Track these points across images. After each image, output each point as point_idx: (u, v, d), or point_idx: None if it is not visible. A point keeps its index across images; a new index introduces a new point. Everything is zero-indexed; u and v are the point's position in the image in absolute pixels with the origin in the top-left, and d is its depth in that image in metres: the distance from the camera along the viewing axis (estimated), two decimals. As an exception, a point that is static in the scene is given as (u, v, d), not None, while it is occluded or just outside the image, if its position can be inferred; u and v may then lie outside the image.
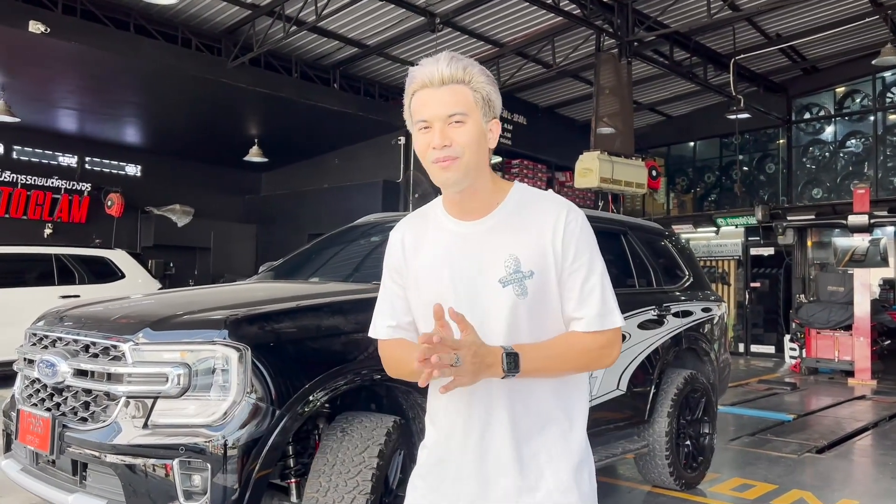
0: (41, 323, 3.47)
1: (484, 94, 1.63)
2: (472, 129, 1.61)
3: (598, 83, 10.65)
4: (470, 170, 1.63)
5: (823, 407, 9.03)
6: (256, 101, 12.14)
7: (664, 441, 4.82)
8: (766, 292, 15.16)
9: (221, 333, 2.85)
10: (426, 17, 10.65)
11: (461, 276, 1.66)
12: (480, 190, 1.67)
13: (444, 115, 1.60)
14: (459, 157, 1.60)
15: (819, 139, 15.57)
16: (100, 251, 10.70)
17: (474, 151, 1.62)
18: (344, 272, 4.47)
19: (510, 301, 1.62)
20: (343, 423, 3.08)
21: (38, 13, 9.03)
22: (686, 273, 5.71)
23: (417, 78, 1.63)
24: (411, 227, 1.81)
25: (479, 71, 1.64)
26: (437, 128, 1.60)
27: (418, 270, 1.74)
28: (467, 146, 1.60)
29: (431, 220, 1.76)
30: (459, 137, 1.60)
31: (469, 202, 1.68)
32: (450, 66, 1.60)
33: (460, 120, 1.60)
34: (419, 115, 1.62)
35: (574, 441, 1.72)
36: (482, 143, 1.64)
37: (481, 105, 1.63)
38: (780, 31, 12.41)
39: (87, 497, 2.92)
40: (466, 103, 1.61)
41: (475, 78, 1.62)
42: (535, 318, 1.64)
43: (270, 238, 15.75)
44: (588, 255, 1.65)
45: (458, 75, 1.61)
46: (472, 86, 1.62)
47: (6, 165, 13.40)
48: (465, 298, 1.64)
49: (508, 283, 1.63)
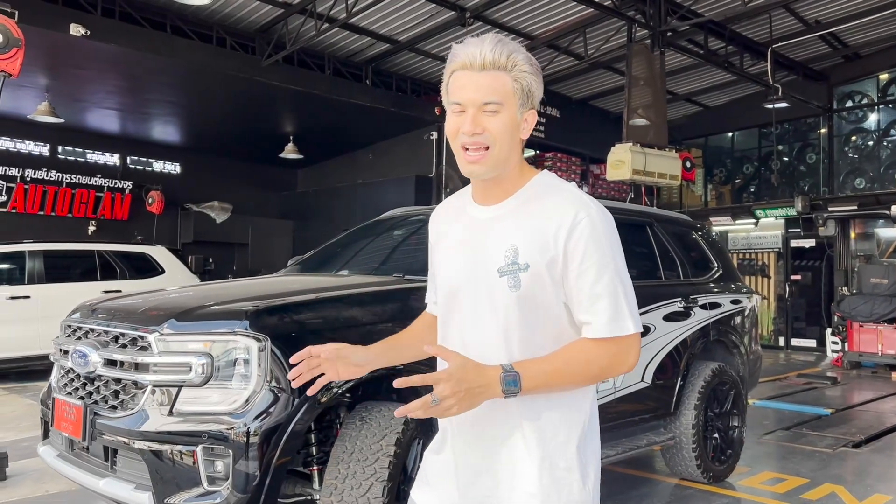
0: (75, 315, 3.61)
1: (525, 84, 1.57)
2: (505, 118, 1.57)
3: (631, 74, 10.53)
4: (499, 161, 1.59)
5: (864, 401, 8.84)
6: (290, 98, 12.31)
7: (691, 433, 4.79)
8: (808, 285, 14.84)
9: (243, 324, 2.93)
10: (456, 11, 10.66)
11: (471, 260, 1.66)
12: (506, 179, 1.65)
13: (480, 101, 1.55)
14: (490, 146, 1.57)
15: (862, 128, 15.16)
16: (141, 247, 10.99)
17: (505, 142, 1.58)
18: (368, 265, 4.53)
19: (503, 292, 1.58)
20: (362, 412, 3.14)
21: (78, 16, 9.29)
22: (715, 265, 5.65)
23: (459, 57, 1.57)
24: (445, 212, 1.84)
25: (523, 59, 1.57)
26: (470, 113, 1.56)
27: (441, 253, 1.77)
28: (498, 136, 1.57)
29: (461, 204, 1.77)
30: (492, 126, 1.56)
31: (493, 189, 1.66)
32: (493, 51, 1.54)
33: (495, 109, 1.56)
34: (455, 97, 1.58)
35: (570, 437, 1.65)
36: (514, 134, 1.60)
37: (519, 95, 1.57)
38: (820, 17, 12.12)
39: (117, 481, 3.03)
40: (504, 92, 1.55)
41: (518, 66, 1.56)
42: (525, 314, 1.59)
43: (306, 233, 15.96)
44: (598, 257, 1.55)
45: (500, 61, 1.54)
46: (512, 74, 1.56)
47: (52, 165, 13.84)
48: (469, 284, 1.65)
49: (504, 274, 1.58)
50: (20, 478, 4.94)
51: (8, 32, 5.17)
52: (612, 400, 4.31)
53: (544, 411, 1.62)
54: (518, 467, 1.62)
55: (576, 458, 1.63)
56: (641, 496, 4.82)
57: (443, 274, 1.75)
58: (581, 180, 15.54)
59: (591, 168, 15.82)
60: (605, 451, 4.27)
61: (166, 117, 13.88)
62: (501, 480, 1.64)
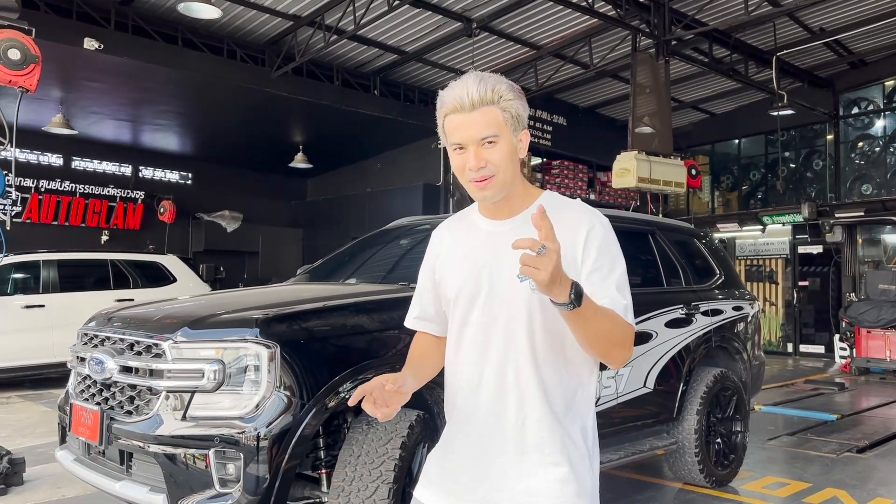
0: (92, 323, 3.73)
1: (513, 111, 1.69)
2: (504, 147, 1.68)
3: (636, 83, 10.63)
4: (505, 184, 1.72)
5: (871, 407, 8.85)
6: (300, 109, 12.49)
7: (693, 438, 4.85)
8: (816, 291, 14.83)
9: (253, 332, 3.04)
10: (463, 22, 10.81)
11: (487, 270, 1.76)
12: (513, 197, 1.78)
13: (477, 138, 1.66)
14: (495, 175, 1.69)
15: (868, 134, 15.18)
16: (153, 256, 11.14)
17: (508, 168, 1.70)
18: (376, 274, 4.64)
19: (526, 294, 1.68)
20: (368, 416, 3.23)
21: (92, 31, 9.50)
22: (717, 272, 5.72)
23: (448, 102, 1.69)
24: (451, 228, 1.95)
25: (506, 88, 1.69)
26: (471, 150, 1.67)
27: (450, 266, 1.87)
28: (501, 164, 1.69)
29: (469, 221, 1.89)
30: (493, 157, 1.67)
31: (502, 207, 1.79)
32: (479, 90, 1.65)
33: (493, 141, 1.67)
34: (453, 138, 1.70)
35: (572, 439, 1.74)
36: (514, 158, 1.73)
37: (511, 122, 1.69)
38: (824, 25, 12.18)
39: (132, 484, 3.14)
40: (497, 124, 1.67)
41: (503, 97, 1.67)
42: (547, 311, 1.68)
43: (316, 242, 16.11)
44: (609, 258, 1.70)
45: (487, 97, 1.66)
46: (501, 105, 1.67)
47: (66, 176, 14.05)
48: (487, 291, 1.75)
49: (526, 278, 1.62)
50: (37, 482, 5.06)
51: (25, 49, 5.33)
52: (614, 405, 4.39)
53: (547, 415, 1.71)
54: (521, 468, 1.71)
55: (577, 461, 1.72)
56: (645, 500, 4.89)
57: (455, 284, 1.83)
58: (588, 188, 15.61)
59: (597, 176, 15.89)
60: (609, 456, 4.35)
61: (178, 128, 14.09)
62: (504, 483, 1.72)
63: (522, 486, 1.71)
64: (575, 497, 1.69)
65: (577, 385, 1.77)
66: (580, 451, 1.74)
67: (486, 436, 1.75)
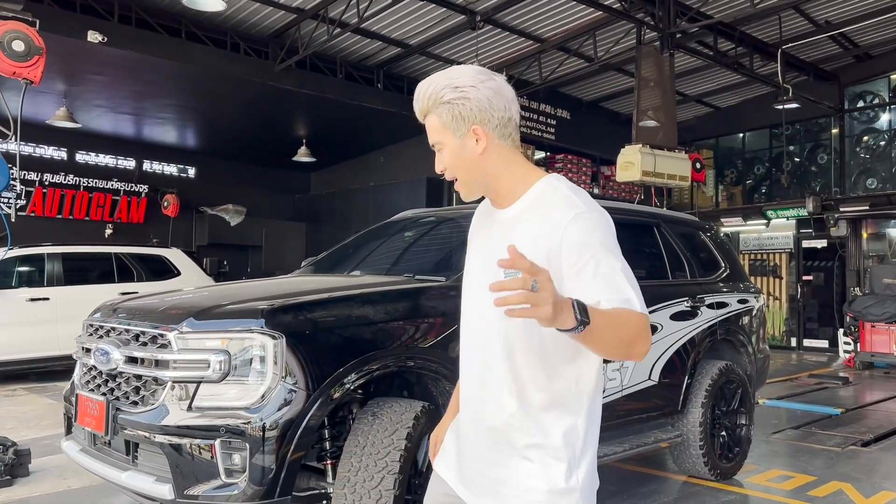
0: (97, 315, 3.73)
1: (446, 116, 1.67)
2: (448, 151, 1.72)
3: (640, 76, 10.59)
4: (471, 182, 1.75)
5: (875, 401, 8.85)
6: (303, 102, 12.46)
7: (698, 431, 4.85)
8: (820, 285, 14.81)
9: (258, 322, 3.04)
10: (467, 14, 10.76)
11: (487, 262, 1.75)
12: (501, 187, 1.75)
13: (432, 144, 1.74)
14: (455, 177, 1.75)
15: (873, 128, 15.12)
16: (157, 250, 11.18)
17: (462, 168, 1.73)
18: (380, 266, 4.64)
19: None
20: (374, 407, 3.24)
21: (95, 23, 9.48)
22: (723, 265, 5.71)
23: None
24: (479, 214, 1.94)
25: (446, 89, 1.66)
26: (436, 157, 1.76)
27: (470, 254, 1.91)
28: (453, 167, 1.73)
29: (490, 206, 1.88)
30: (445, 161, 1.74)
31: (495, 198, 1.79)
32: (419, 102, 1.71)
33: (440, 147, 1.73)
34: None
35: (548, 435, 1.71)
36: (465, 157, 1.70)
37: (450, 125, 1.68)
38: (830, 17, 12.12)
39: (138, 474, 3.15)
40: (437, 130, 1.71)
41: (435, 101, 1.68)
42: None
43: (319, 235, 16.11)
44: (592, 253, 1.59)
45: (425, 107, 1.71)
46: (437, 112, 1.69)
47: (70, 169, 14.05)
48: (482, 288, 1.71)
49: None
50: (43, 474, 5.08)
51: (29, 41, 5.32)
52: (619, 398, 4.39)
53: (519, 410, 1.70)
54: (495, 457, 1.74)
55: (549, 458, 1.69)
56: (649, 493, 4.89)
57: (466, 274, 1.88)
58: (591, 182, 15.59)
59: (601, 169, 15.86)
60: (613, 448, 4.36)
61: (181, 121, 14.08)
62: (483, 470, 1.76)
63: (493, 475, 1.74)
64: (545, 494, 1.67)
65: (565, 383, 1.71)
66: (557, 450, 1.69)
67: (474, 422, 1.80)
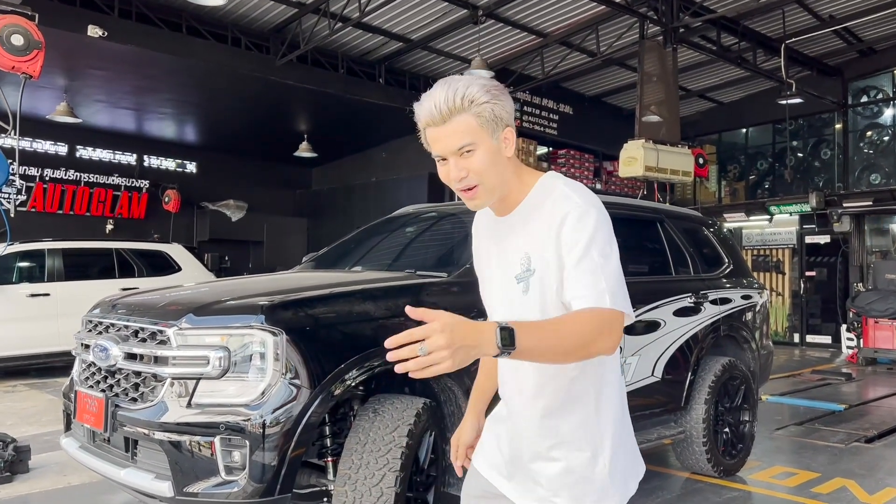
0: (96, 311, 3.71)
1: (487, 114, 1.60)
2: (483, 154, 1.62)
3: (643, 71, 10.55)
4: (494, 188, 1.67)
5: (878, 397, 8.81)
6: (305, 97, 12.43)
7: (701, 428, 4.82)
8: (823, 281, 14.76)
9: (258, 318, 3.01)
10: (469, 9, 10.71)
11: (500, 269, 1.78)
12: (509, 193, 1.73)
13: (454, 148, 1.61)
14: (479, 183, 1.64)
15: (877, 123, 15.04)
16: (158, 245, 11.14)
17: (492, 173, 1.64)
18: (381, 261, 4.61)
19: (520, 297, 1.69)
20: (375, 404, 3.21)
21: (96, 18, 9.44)
22: (726, 261, 5.67)
23: (422, 116, 1.63)
24: (482, 220, 1.91)
25: (478, 91, 1.60)
26: (451, 161, 1.63)
27: (480, 261, 1.90)
28: (482, 171, 1.63)
29: (491, 213, 1.85)
30: (473, 166, 1.62)
31: (502, 204, 1.76)
32: (447, 101, 1.58)
33: (470, 149, 1.61)
34: (433, 151, 1.65)
35: (598, 424, 1.76)
36: (498, 161, 1.65)
37: (487, 125, 1.61)
38: (833, 12, 12.06)
39: (137, 471, 3.12)
40: (472, 132, 1.60)
41: (475, 101, 1.59)
42: (515, 308, 1.69)
43: (321, 231, 16.08)
44: (585, 243, 1.58)
45: (456, 106, 1.58)
46: (472, 111, 1.59)
47: (70, 165, 14.04)
48: (499, 293, 1.79)
49: (521, 280, 1.68)
50: (42, 470, 5.06)
51: (29, 35, 5.29)
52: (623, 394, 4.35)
53: (589, 395, 1.75)
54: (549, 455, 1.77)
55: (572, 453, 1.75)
56: (652, 489, 4.86)
57: (483, 282, 1.89)
58: (594, 177, 15.54)
59: (603, 165, 15.82)
60: (616, 445, 4.32)
61: (182, 117, 14.05)
62: (549, 457, 1.77)
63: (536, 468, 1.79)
64: (598, 474, 1.73)
65: (572, 378, 1.73)
66: (578, 444, 1.74)
67: (534, 412, 1.79)
